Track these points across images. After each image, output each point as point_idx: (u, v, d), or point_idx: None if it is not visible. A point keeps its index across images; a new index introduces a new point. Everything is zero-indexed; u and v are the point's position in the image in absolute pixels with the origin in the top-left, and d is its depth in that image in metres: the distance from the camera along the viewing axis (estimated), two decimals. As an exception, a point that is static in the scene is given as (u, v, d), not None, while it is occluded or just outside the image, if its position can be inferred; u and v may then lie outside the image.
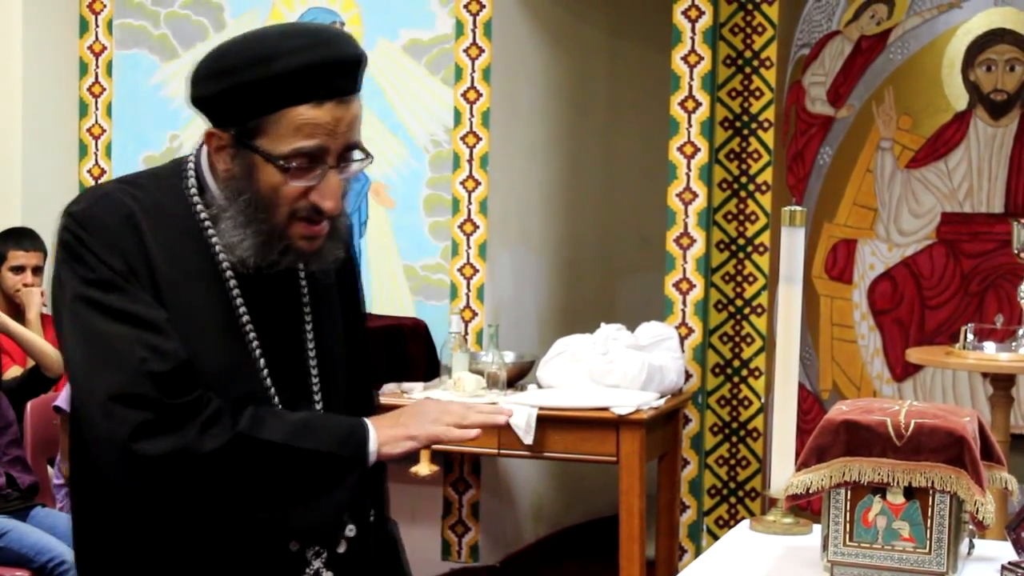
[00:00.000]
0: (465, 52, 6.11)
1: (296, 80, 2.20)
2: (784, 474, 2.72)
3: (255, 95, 2.21)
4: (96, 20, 6.64)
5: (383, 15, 6.23)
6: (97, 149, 6.66)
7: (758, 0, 5.95)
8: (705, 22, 5.84)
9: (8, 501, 4.92)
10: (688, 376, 5.84)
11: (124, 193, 2.29)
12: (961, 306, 6.22)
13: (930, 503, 2.36)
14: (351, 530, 2.40)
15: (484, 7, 6.07)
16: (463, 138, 6.11)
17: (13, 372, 5.64)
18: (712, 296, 6.00)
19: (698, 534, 6.00)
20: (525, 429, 5.18)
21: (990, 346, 5.13)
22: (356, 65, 2.28)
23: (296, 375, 2.37)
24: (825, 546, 2.43)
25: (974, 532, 2.52)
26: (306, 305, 2.39)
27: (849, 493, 2.41)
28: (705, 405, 6.02)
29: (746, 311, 6.00)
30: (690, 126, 5.86)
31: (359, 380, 2.51)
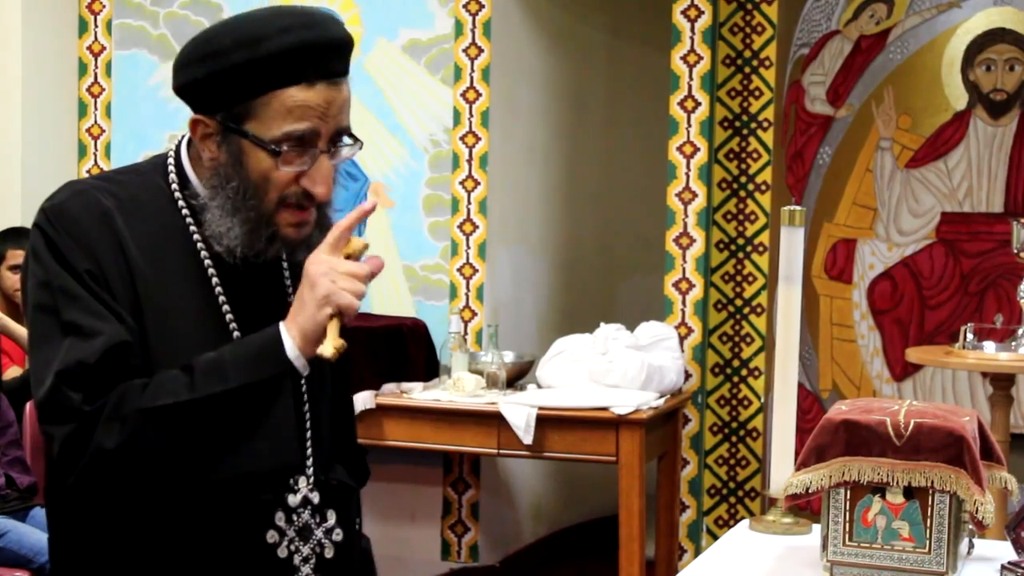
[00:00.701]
0: (464, 52, 6.11)
1: (286, 61, 2.16)
2: (784, 474, 2.72)
3: (243, 78, 2.16)
4: (95, 20, 6.64)
5: (382, 15, 6.23)
6: (96, 149, 6.66)
7: (757, 0, 5.95)
8: (704, 22, 5.84)
9: (7, 502, 4.92)
10: (688, 376, 5.84)
11: (101, 190, 2.26)
12: (961, 305, 6.22)
13: (930, 503, 2.36)
14: (338, 534, 2.36)
15: (483, 7, 6.07)
16: (462, 138, 6.11)
17: (13, 372, 5.63)
18: (712, 296, 6.00)
19: (698, 534, 5.99)
20: (525, 429, 5.18)
21: (990, 345, 5.13)
22: (347, 46, 2.25)
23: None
24: (825, 546, 2.43)
25: (974, 532, 2.51)
26: (289, 297, 2.32)
27: (849, 493, 2.40)
28: (705, 405, 6.02)
29: (746, 311, 6.00)
30: (689, 126, 5.86)
31: (339, 369, 2.39)
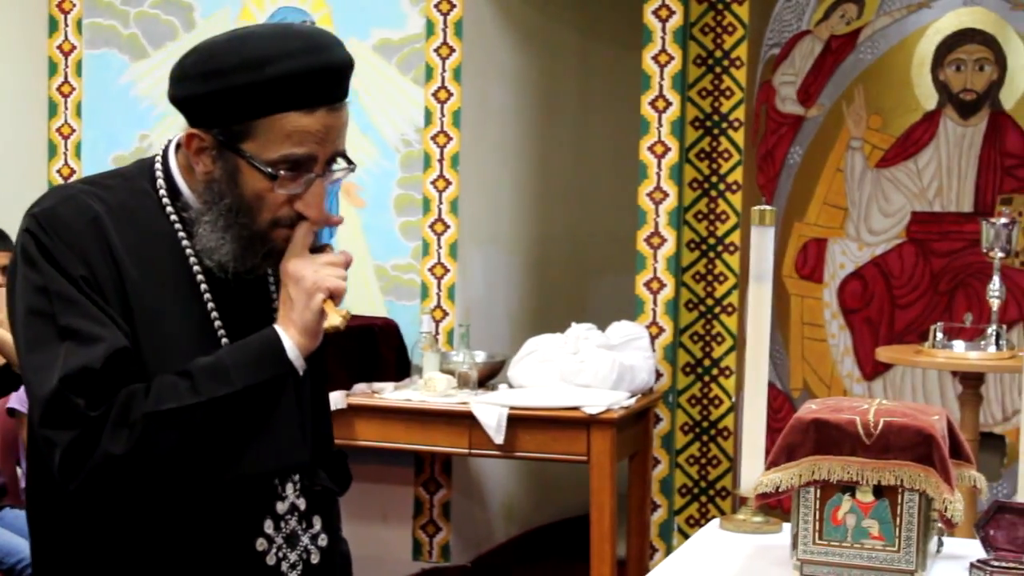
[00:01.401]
0: (436, 52, 6.10)
1: (290, 85, 2.15)
2: (754, 473, 2.73)
3: (246, 99, 2.16)
4: (65, 19, 6.61)
5: (354, 14, 6.22)
6: (67, 149, 6.63)
7: (728, 0, 5.96)
8: (675, 22, 5.85)
9: (-24, 503, 4.90)
10: (659, 375, 5.85)
11: (90, 195, 2.24)
12: (930, 305, 6.25)
13: (899, 501, 2.36)
14: (323, 539, 2.38)
15: (455, 7, 6.07)
16: (434, 138, 6.10)
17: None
18: (683, 295, 6.01)
19: (669, 533, 6.00)
20: (496, 429, 5.18)
21: (959, 345, 5.15)
22: (348, 71, 2.26)
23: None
24: (795, 545, 2.44)
25: (943, 530, 2.53)
26: (275, 310, 2.32)
27: (818, 492, 2.41)
28: (676, 404, 6.03)
29: (716, 310, 6.01)
30: (660, 125, 5.87)
31: (316, 373, 2.41)
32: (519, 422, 5.22)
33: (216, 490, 2.20)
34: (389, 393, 5.48)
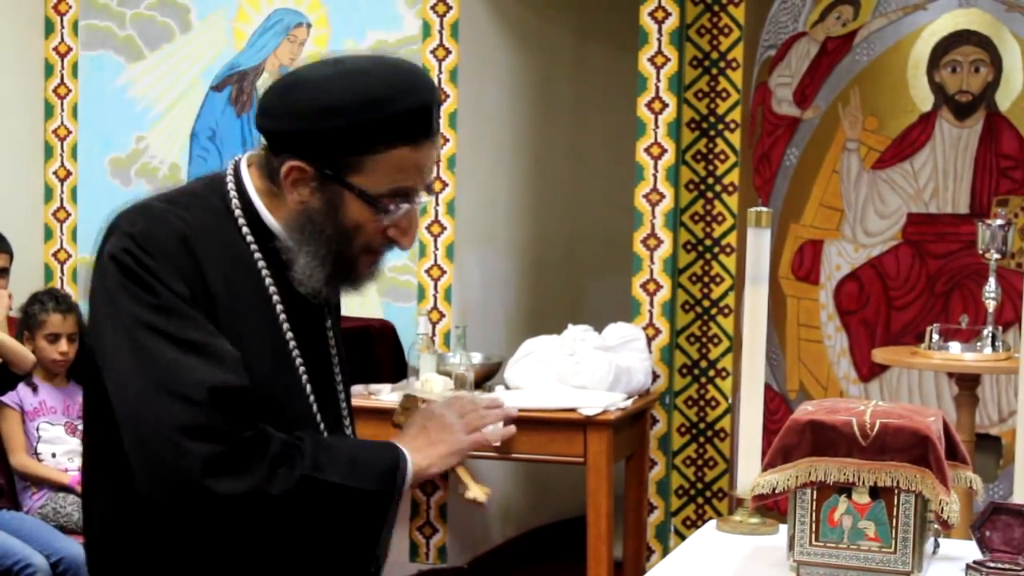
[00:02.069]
0: (432, 53, 6.10)
1: (407, 122, 2.21)
2: (750, 474, 2.73)
3: (363, 135, 2.20)
4: (61, 21, 6.61)
5: (350, 16, 6.22)
6: (63, 151, 6.63)
7: (724, 1, 5.96)
8: (672, 23, 5.85)
9: (-27, 504, 4.90)
10: (655, 377, 5.85)
11: (173, 214, 2.25)
12: (927, 306, 6.25)
13: (895, 503, 2.37)
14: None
15: (451, 8, 6.07)
16: (430, 139, 6.09)
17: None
18: (679, 297, 6.01)
19: (666, 535, 6.00)
20: (492, 430, 5.17)
21: (955, 346, 5.15)
22: (439, 106, 2.31)
23: (331, 400, 2.42)
24: (791, 546, 2.44)
25: (939, 531, 2.53)
26: (328, 330, 2.44)
27: (815, 493, 2.41)
28: (672, 406, 6.03)
29: (713, 312, 6.01)
30: (657, 127, 5.87)
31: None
32: (516, 423, 5.21)
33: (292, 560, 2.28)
34: (386, 395, 5.47)
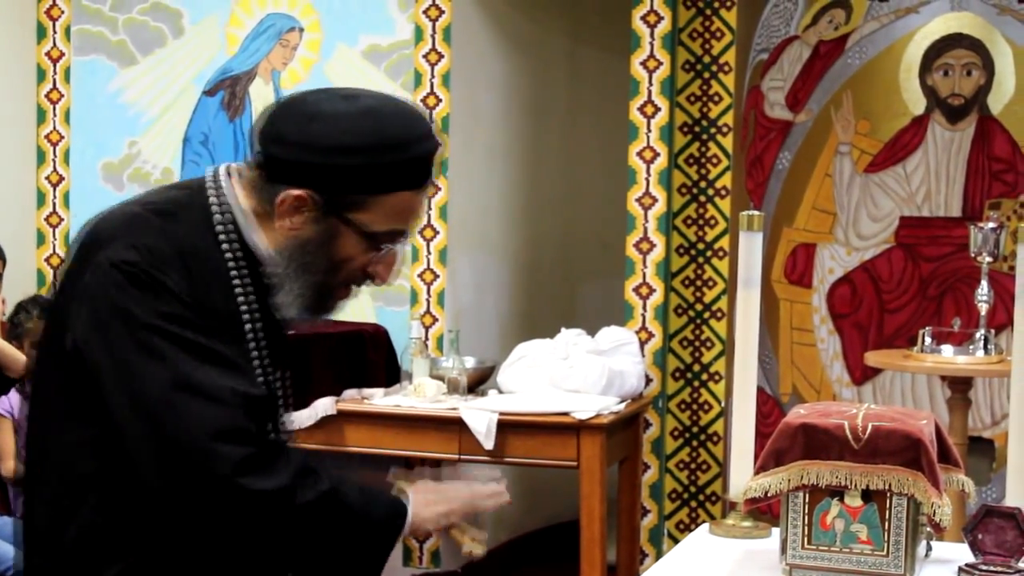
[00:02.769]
0: (424, 58, 6.10)
1: (416, 167, 2.25)
2: (743, 478, 2.73)
3: (378, 176, 2.23)
4: (54, 26, 6.61)
5: (342, 21, 6.22)
6: (55, 156, 6.63)
7: (717, 5, 5.97)
8: (664, 27, 5.86)
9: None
10: (648, 380, 5.85)
11: (166, 228, 2.27)
12: (919, 310, 6.25)
13: (887, 506, 2.37)
14: None
15: (443, 13, 6.07)
16: (423, 143, 6.09)
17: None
18: (672, 300, 6.02)
19: (659, 538, 6.01)
20: (486, 434, 5.18)
21: (948, 349, 5.15)
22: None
23: (277, 413, 2.43)
24: (784, 549, 2.44)
25: (931, 534, 2.53)
26: (286, 347, 2.46)
27: (807, 496, 2.42)
28: (665, 409, 6.03)
29: (706, 315, 6.01)
30: (649, 131, 5.87)
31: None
32: (509, 428, 5.21)
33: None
34: (379, 399, 5.47)
